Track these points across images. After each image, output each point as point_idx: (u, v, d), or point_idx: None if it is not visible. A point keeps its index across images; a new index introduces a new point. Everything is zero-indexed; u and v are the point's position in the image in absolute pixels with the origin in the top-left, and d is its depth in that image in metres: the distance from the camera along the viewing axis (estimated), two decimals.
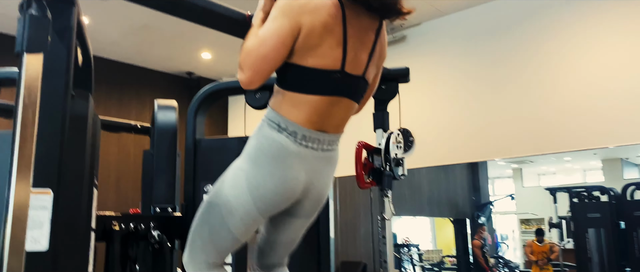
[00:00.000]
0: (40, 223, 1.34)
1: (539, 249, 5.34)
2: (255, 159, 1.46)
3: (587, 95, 4.21)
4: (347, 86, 1.50)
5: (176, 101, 3.28)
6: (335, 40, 1.44)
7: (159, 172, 2.38)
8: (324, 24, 1.41)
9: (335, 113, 1.50)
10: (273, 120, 1.46)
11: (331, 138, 1.52)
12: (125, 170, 6.23)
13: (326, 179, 1.57)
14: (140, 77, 6.68)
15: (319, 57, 1.43)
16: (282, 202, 1.49)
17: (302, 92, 1.45)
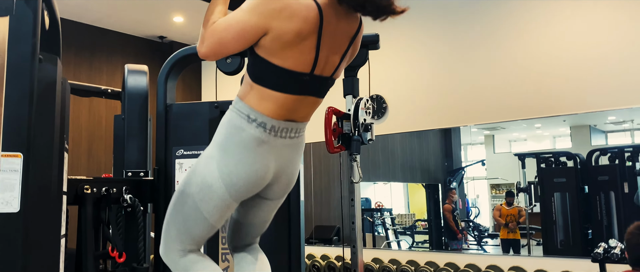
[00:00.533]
0: (11, 186, 1.36)
1: (507, 212, 5.51)
2: (226, 148, 1.49)
3: (557, 63, 4.29)
4: (314, 87, 1.54)
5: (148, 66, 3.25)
6: (307, 46, 1.45)
7: (131, 137, 2.39)
8: (297, 32, 1.41)
9: (301, 108, 1.54)
10: (242, 111, 1.49)
11: (298, 126, 1.56)
12: (97, 135, 6.18)
13: (295, 164, 1.62)
14: (111, 41, 6.55)
15: (289, 59, 1.44)
16: (253, 188, 1.52)
17: (270, 89, 1.47)
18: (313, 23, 1.42)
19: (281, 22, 1.40)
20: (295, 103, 1.51)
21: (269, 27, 1.40)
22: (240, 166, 1.47)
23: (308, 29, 1.42)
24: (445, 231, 5.88)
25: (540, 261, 4.30)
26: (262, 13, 1.40)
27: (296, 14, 1.40)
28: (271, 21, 1.40)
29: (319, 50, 1.46)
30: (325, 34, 1.46)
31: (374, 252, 5.18)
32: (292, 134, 1.55)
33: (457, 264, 4.39)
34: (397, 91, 5.27)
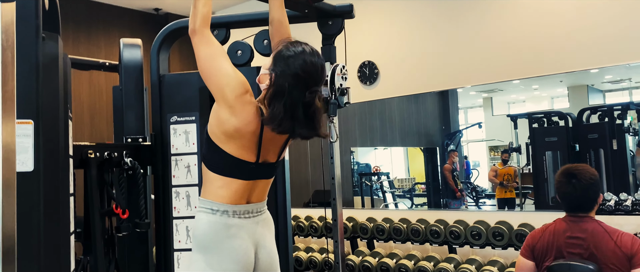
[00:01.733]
0: (25, 148, 1.58)
1: (503, 172, 5.63)
2: (205, 246, 1.68)
3: (554, 20, 4.26)
4: (262, 172, 1.75)
5: (144, 37, 3.39)
6: (248, 143, 1.67)
7: (129, 106, 2.59)
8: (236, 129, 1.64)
9: (255, 191, 1.75)
10: (206, 207, 1.69)
11: (258, 206, 1.77)
12: (98, 106, 6.36)
13: (270, 239, 1.81)
14: (108, 14, 6.66)
15: (237, 149, 1.66)
16: (245, 269, 1.70)
17: (224, 175, 1.68)
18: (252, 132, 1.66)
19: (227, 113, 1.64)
20: (248, 187, 1.71)
21: (219, 104, 1.65)
22: (223, 254, 1.66)
23: (246, 132, 1.66)
24: (444, 191, 6.01)
25: (527, 215, 4.50)
26: (223, 92, 1.64)
27: (240, 118, 1.64)
28: (222, 103, 1.65)
29: (260, 150, 1.69)
30: (264, 139, 1.69)
31: (369, 212, 5.40)
32: (254, 213, 1.74)
33: (446, 221, 4.61)
34: (390, 56, 5.36)
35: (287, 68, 1.64)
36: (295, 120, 1.63)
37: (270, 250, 1.80)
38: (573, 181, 2.24)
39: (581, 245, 2.19)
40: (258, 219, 1.77)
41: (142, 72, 2.63)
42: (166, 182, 2.52)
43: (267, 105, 1.66)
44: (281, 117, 1.61)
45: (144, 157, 2.55)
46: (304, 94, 1.63)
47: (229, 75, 1.65)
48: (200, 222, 1.71)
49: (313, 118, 1.67)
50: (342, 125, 5.67)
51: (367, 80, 5.58)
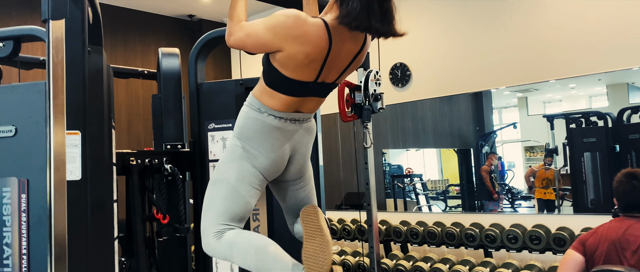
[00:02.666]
0: (73, 158, 1.65)
1: (543, 175, 5.53)
2: (245, 135, 1.73)
3: (592, 19, 4.19)
4: (317, 91, 1.75)
5: (179, 43, 3.46)
6: (314, 65, 1.66)
7: (168, 114, 2.66)
8: (306, 54, 1.62)
9: (306, 105, 1.77)
10: (254, 105, 1.73)
11: (306, 116, 1.79)
12: (135, 112, 6.53)
13: (307, 146, 1.84)
14: (143, 21, 6.83)
15: (297, 73, 1.66)
16: (277, 167, 1.76)
17: (278, 92, 1.70)
18: (322, 49, 1.63)
19: (295, 45, 1.60)
20: (300, 102, 1.74)
21: (283, 47, 1.61)
22: (261, 148, 1.71)
23: (316, 53, 1.63)
24: (480, 193, 5.94)
25: (565, 218, 4.40)
26: (278, 35, 1.61)
27: (309, 41, 1.60)
28: (285, 43, 1.60)
29: (323, 67, 1.68)
30: (331, 56, 1.66)
31: (402, 215, 5.38)
32: (300, 121, 1.77)
33: (481, 224, 4.55)
34: (423, 58, 5.33)
35: None
36: (371, 13, 1.60)
37: (304, 155, 1.84)
38: (634, 181, 2.30)
39: (635, 241, 2.19)
40: (303, 125, 1.80)
41: (181, 80, 2.70)
42: (204, 187, 2.58)
43: (339, 5, 1.64)
44: (357, 11, 1.58)
45: (183, 163, 2.62)
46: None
47: (270, 22, 1.63)
48: (245, 115, 1.75)
49: (388, 11, 1.65)
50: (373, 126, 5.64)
51: (399, 83, 5.56)
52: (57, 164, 1.42)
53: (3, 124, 1.84)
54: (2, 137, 1.84)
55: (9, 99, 1.84)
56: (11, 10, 5.62)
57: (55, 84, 1.43)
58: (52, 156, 1.41)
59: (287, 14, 1.61)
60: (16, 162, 1.80)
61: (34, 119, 1.79)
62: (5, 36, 2.19)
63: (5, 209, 1.85)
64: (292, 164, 1.81)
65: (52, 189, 1.41)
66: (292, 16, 1.61)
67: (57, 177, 1.42)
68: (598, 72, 4.27)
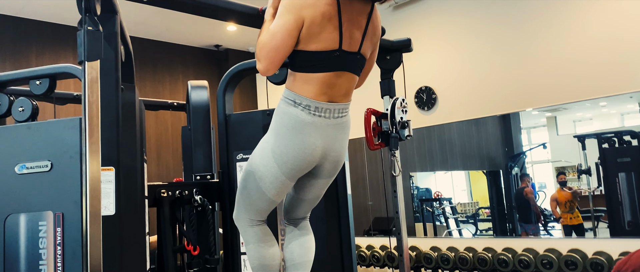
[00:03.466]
0: (108, 193, 1.69)
1: (563, 198, 5.40)
2: (277, 132, 1.75)
3: (620, 38, 4.15)
4: (346, 62, 1.76)
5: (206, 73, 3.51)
6: (332, 25, 1.69)
7: (197, 145, 2.71)
8: (322, 14, 1.67)
9: (340, 84, 1.76)
10: (289, 98, 1.74)
11: (341, 106, 1.79)
12: (165, 141, 6.64)
13: (341, 143, 1.84)
14: (171, 52, 7.00)
15: (320, 42, 1.69)
16: (303, 167, 1.76)
17: (310, 72, 1.71)
18: (332, 4, 1.68)
19: (309, 9, 1.65)
20: (333, 79, 1.74)
21: (303, 17, 1.66)
22: (290, 146, 1.72)
23: (330, 10, 1.67)
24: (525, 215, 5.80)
25: (602, 243, 4.27)
26: (293, 9, 1.66)
27: (317, 0, 1.66)
28: (302, 11, 1.65)
29: (341, 27, 1.70)
30: (344, 13, 1.70)
31: (432, 240, 5.30)
32: (335, 114, 1.77)
33: (514, 249, 4.45)
34: (449, 81, 5.32)
35: None
36: None
37: (339, 153, 1.84)
38: None
39: None
40: (338, 121, 1.80)
41: (209, 112, 2.75)
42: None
43: None
44: None
45: (212, 194, 2.65)
46: None
47: (280, 9, 1.70)
48: (280, 110, 1.77)
49: None
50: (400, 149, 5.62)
51: (424, 106, 5.55)
52: (93, 200, 1.45)
53: (40, 159, 1.90)
54: (39, 172, 1.90)
55: (45, 135, 1.90)
56: (44, 47, 5.83)
57: (90, 122, 1.47)
58: (88, 191, 1.44)
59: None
60: (52, 196, 1.85)
61: (68, 153, 1.84)
62: (42, 74, 2.27)
63: (42, 242, 1.90)
64: (327, 161, 1.82)
65: (88, 224, 1.44)
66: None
67: (93, 212, 1.46)
68: (629, 92, 4.19)
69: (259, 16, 1.90)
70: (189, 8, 1.83)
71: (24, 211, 1.89)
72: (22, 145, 1.92)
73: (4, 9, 5.50)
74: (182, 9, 1.85)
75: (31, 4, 5.42)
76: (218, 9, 1.86)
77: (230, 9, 1.88)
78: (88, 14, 1.47)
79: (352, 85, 1.83)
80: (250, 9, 1.93)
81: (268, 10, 1.81)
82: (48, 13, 5.66)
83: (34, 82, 2.29)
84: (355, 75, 1.83)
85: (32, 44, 5.73)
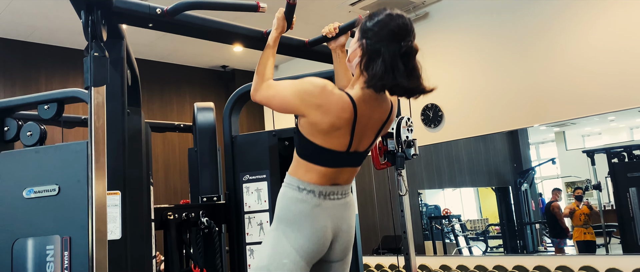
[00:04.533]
0: (114, 217, 1.69)
1: (578, 211, 5.34)
2: (286, 219, 1.73)
3: (627, 52, 4.14)
4: (351, 160, 1.77)
5: (213, 93, 3.52)
6: (341, 134, 1.68)
7: (203, 167, 2.71)
8: (331, 124, 1.64)
9: (342, 176, 1.78)
10: (292, 184, 1.74)
11: (344, 188, 1.80)
12: (172, 162, 6.66)
13: (349, 222, 1.83)
14: (178, 74, 7.06)
15: (327, 141, 1.68)
16: (319, 248, 1.73)
17: (313, 163, 1.72)
18: (347, 119, 1.65)
19: (318, 114, 1.63)
20: (336, 173, 1.74)
21: (306, 114, 1.65)
22: (302, 230, 1.70)
23: (341, 123, 1.65)
24: (552, 230, 5.73)
25: (615, 260, 4.20)
26: (304, 101, 1.64)
27: (331, 111, 1.63)
28: (309, 110, 1.63)
29: (353, 137, 1.69)
30: (358, 126, 1.68)
31: (442, 259, 5.25)
32: (339, 195, 1.77)
33: (525, 267, 4.39)
34: (455, 98, 5.32)
35: (379, 29, 1.64)
36: (396, 72, 1.60)
37: (348, 233, 1.81)
38: None
39: None
40: (343, 201, 1.78)
41: (215, 133, 2.76)
42: (240, 240, 2.60)
43: (364, 73, 1.65)
44: (382, 72, 1.59)
45: (218, 215, 2.64)
46: (399, 45, 1.62)
47: (299, 86, 1.66)
48: (284, 198, 1.74)
49: (414, 69, 1.64)
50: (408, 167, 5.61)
51: (431, 123, 5.54)
52: (99, 224, 1.46)
53: (48, 183, 1.91)
54: (47, 196, 1.90)
55: (53, 159, 1.91)
56: (54, 71, 5.91)
57: (96, 146, 1.48)
58: (94, 216, 1.45)
59: (315, 83, 1.64)
60: (59, 220, 1.85)
61: (76, 177, 1.85)
62: (50, 99, 2.29)
63: (49, 266, 1.90)
64: (337, 242, 1.79)
65: (94, 249, 1.44)
66: (319, 86, 1.63)
67: (99, 237, 1.46)
68: (638, 106, 4.17)
69: (263, 39, 1.92)
70: (194, 32, 1.85)
71: (32, 235, 1.90)
72: (30, 169, 1.93)
73: (13, 34, 5.59)
74: (187, 33, 1.87)
75: (40, 29, 5.50)
76: (223, 33, 1.88)
77: (235, 32, 1.90)
78: (94, 40, 1.49)
79: (354, 174, 1.84)
80: (255, 32, 1.95)
81: (272, 32, 1.83)
82: (56, 37, 5.74)
83: (42, 107, 2.30)
84: (358, 167, 1.85)
85: (41, 68, 5.80)
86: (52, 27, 5.46)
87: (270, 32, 1.84)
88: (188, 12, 1.73)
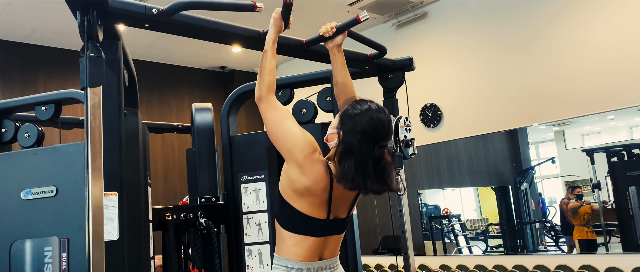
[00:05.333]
0: (111, 219, 1.69)
1: (583, 210, 5.34)
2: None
3: (626, 51, 4.15)
4: (333, 228, 1.80)
5: (212, 94, 3.51)
6: (318, 202, 1.72)
7: (202, 168, 2.71)
8: (306, 188, 1.69)
9: (327, 246, 1.80)
10: (280, 265, 1.76)
11: (331, 262, 1.82)
12: (171, 163, 6.66)
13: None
14: (177, 75, 7.06)
15: (308, 207, 1.72)
16: None
17: (296, 233, 1.74)
18: (322, 189, 1.70)
19: (297, 172, 1.68)
20: (320, 243, 1.76)
21: (287, 162, 1.70)
22: None
23: (317, 191, 1.70)
24: (564, 227, 5.72)
25: (615, 258, 4.20)
26: (291, 153, 1.69)
27: (310, 175, 1.68)
28: (291, 163, 1.69)
29: (330, 207, 1.73)
30: (334, 196, 1.73)
31: (442, 259, 5.24)
32: (327, 269, 1.80)
33: (525, 266, 4.39)
34: (454, 98, 5.32)
35: (355, 125, 1.68)
36: (366, 175, 1.65)
37: None
38: None
39: None
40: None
41: (214, 134, 2.76)
42: (239, 240, 2.59)
43: (337, 163, 1.70)
44: (353, 173, 1.64)
45: (217, 216, 2.64)
46: (372, 149, 1.66)
47: (296, 136, 1.70)
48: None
49: (383, 173, 1.69)
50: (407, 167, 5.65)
51: (430, 123, 5.53)
52: (95, 225, 1.45)
53: (45, 185, 1.90)
54: (44, 197, 1.90)
55: (50, 160, 1.91)
56: (53, 73, 5.90)
57: (93, 148, 1.47)
58: (91, 217, 1.44)
59: (310, 144, 1.70)
60: (57, 221, 1.85)
61: (73, 178, 1.85)
62: (47, 100, 2.29)
63: (47, 268, 1.89)
64: None
65: (91, 250, 1.44)
66: (310, 149, 1.70)
67: (95, 238, 1.45)
68: (637, 105, 4.17)
69: (261, 39, 1.92)
70: (191, 32, 1.85)
71: (30, 236, 1.90)
72: (28, 171, 1.93)
73: (11, 36, 5.58)
74: (183, 33, 1.86)
75: (39, 31, 5.50)
76: (220, 33, 1.88)
77: (231, 33, 1.89)
78: (90, 41, 1.49)
79: (339, 243, 1.87)
80: (252, 32, 1.95)
81: (269, 33, 1.82)
82: (55, 39, 5.74)
83: (39, 108, 2.30)
84: (342, 234, 1.87)
85: (40, 69, 5.80)
86: (51, 29, 5.46)
87: (268, 33, 1.84)
88: (185, 12, 1.73)
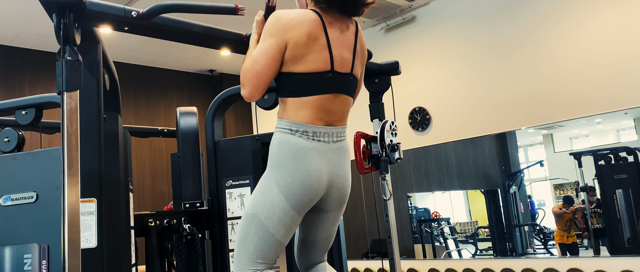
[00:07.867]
0: (89, 225, 1.65)
1: (567, 216, 5.37)
2: (278, 164, 1.66)
3: (613, 54, 4.17)
4: (340, 83, 1.72)
5: (201, 97, 3.47)
6: (320, 45, 1.66)
7: (186, 172, 2.67)
8: (308, 34, 1.64)
9: (335, 108, 1.72)
10: (284, 127, 1.69)
11: (338, 130, 1.75)
12: (159, 168, 6.60)
13: (345, 168, 1.78)
14: (165, 78, 7.01)
15: (309, 63, 1.66)
16: (312, 196, 1.67)
17: (301, 96, 1.67)
18: (317, 25, 1.66)
19: (292, 31, 1.63)
20: (328, 103, 1.70)
21: (286, 40, 1.64)
22: (294, 175, 1.63)
23: (315, 30, 1.66)
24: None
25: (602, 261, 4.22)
26: (276, 33, 1.64)
27: (301, 22, 1.65)
28: (285, 34, 1.64)
29: (330, 46, 1.68)
30: (330, 32, 1.69)
31: (431, 263, 5.23)
32: (334, 138, 1.72)
33: (513, 269, 4.38)
34: (443, 101, 5.32)
35: None
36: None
37: (345, 179, 1.77)
38: None
39: None
40: (338, 145, 1.74)
41: (198, 138, 2.73)
42: (223, 246, 2.56)
43: None
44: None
45: (201, 222, 2.60)
46: None
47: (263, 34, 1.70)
48: (277, 142, 1.69)
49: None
50: (396, 170, 5.67)
51: (419, 127, 5.53)
52: (72, 233, 1.42)
53: (25, 191, 1.86)
54: (24, 203, 1.86)
55: (30, 166, 1.87)
56: (38, 76, 5.83)
57: (69, 153, 1.44)
58: (67, 225, 1.41)
59: (272, 16, 1.68)
60: (37, 228, 1.81)
61: (54, 184, 1.81)
62: (27, 104, 2.25)
63: None
64: (334, 189, 1.74)
65: (66, 258, 1.40)
66: (276, 13, 1.67)
67: (72, 246, 1.42)
68: (624, 108, 4.19)
69: (244, 42, 1.90)
70: (172, 36, 1.82)
71: (9, 243, 1.85)
72: (7, 176, 1.89)
73: None
74: (165, 36, 1.83)
75: (23, 34, 5.43)
76: (202, 36, 1.85)
77: (214, 36, 1.87)
78: (67, 44, 1.46)
79: (347, 108, 1.80)
80: (235, 36, 1.92)
81: (252, 35, 1.80)
82: (40, 42, 5.68)
83: (19, 112, 2.26)
84: (350, 97, 1.80)
85: (25, 73, 5.73)
86: (36, 32, 5.40)
87: (251, 35, 1.81)
88: (166, 15, 1.70)
